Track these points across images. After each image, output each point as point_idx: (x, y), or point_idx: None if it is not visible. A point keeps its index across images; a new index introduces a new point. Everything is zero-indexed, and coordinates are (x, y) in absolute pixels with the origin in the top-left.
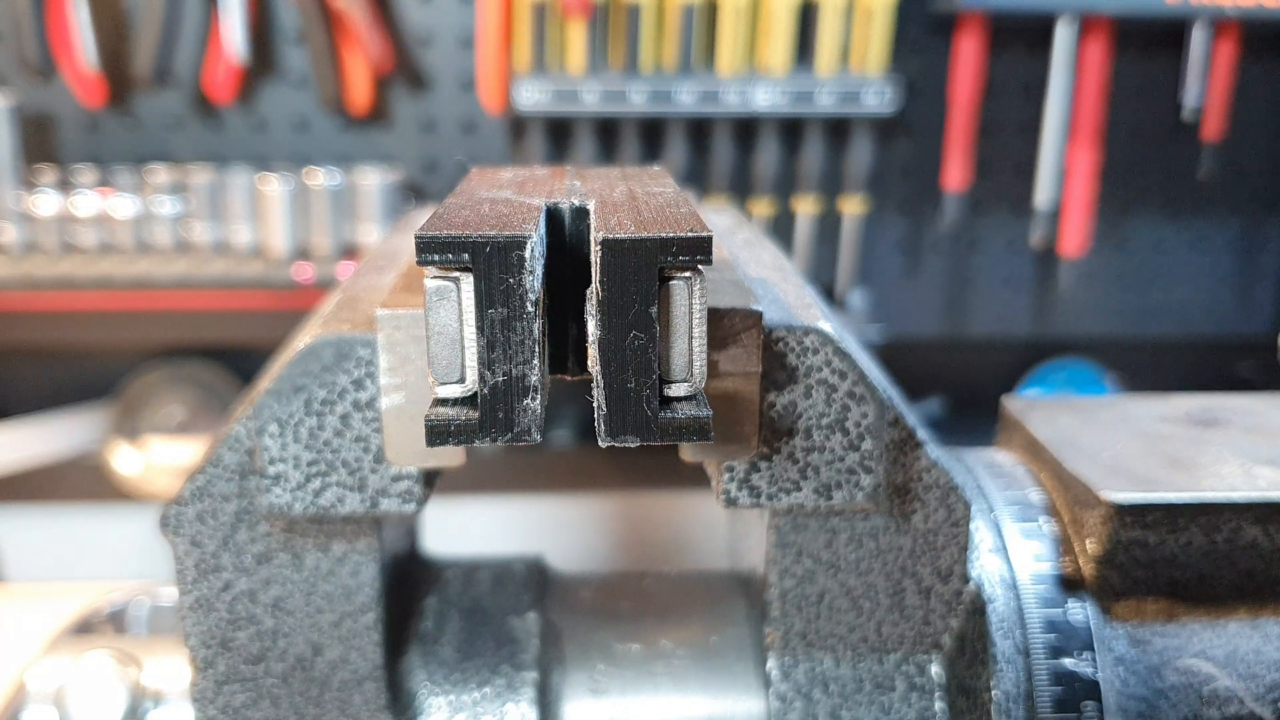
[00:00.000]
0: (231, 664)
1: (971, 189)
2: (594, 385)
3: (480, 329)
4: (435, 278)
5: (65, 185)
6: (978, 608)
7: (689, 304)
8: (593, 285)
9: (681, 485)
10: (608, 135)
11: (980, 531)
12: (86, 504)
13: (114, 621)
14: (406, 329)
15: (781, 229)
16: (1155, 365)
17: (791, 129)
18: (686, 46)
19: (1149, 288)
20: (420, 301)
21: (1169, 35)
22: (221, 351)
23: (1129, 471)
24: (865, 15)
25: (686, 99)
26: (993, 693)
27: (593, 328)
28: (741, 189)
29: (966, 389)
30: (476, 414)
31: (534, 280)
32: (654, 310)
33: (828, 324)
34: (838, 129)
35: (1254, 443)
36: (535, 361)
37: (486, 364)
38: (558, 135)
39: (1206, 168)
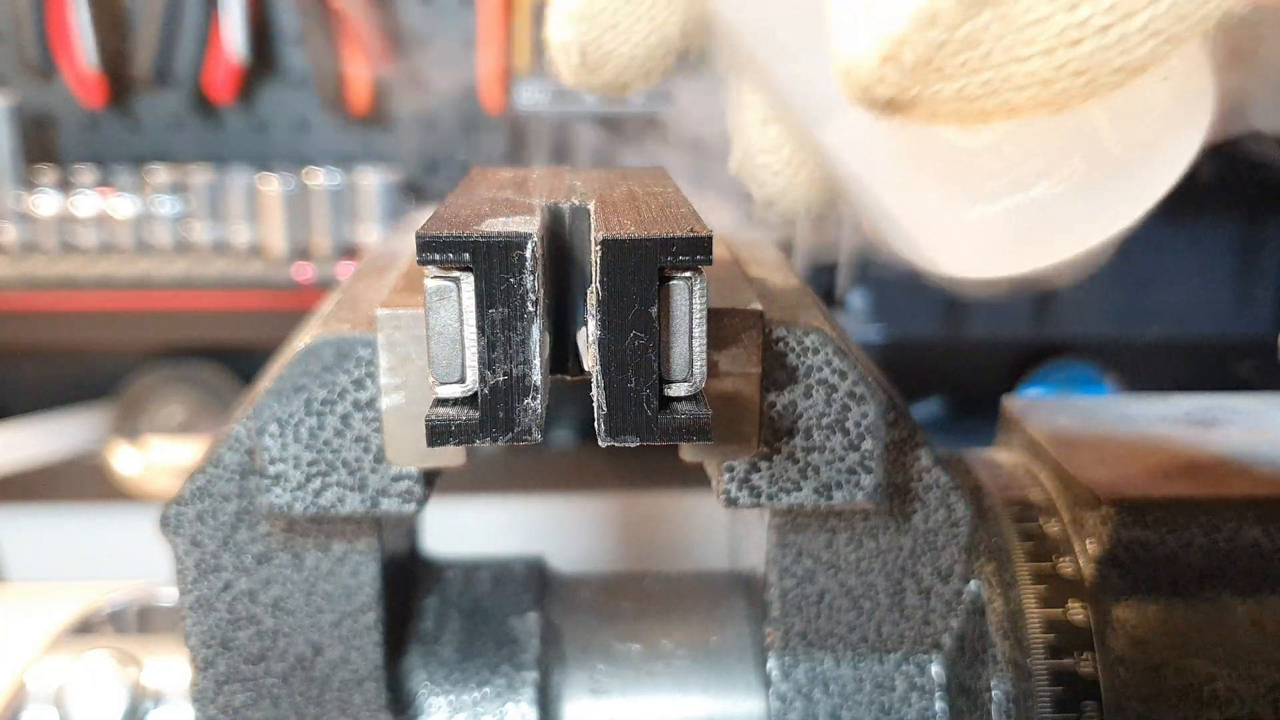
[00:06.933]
0: (232, 664)
1: None
2: (594, 385)
3: (480, 329)
4: (435, 277)
5: (65, 185)
6: (978, 608)
7: (689, 304)
8: (593, 285)
9: (681, 485)
10: (608, 135)
11: (980, 531)
12: (86, 504)
13: (114, 621)
14: (406, 329)
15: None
16: (1155, 365)
17: None
18: None
19: (1149, 288)
20: (420, 301)
21: None
22: (221, 351)
23: (1129, 471)
24: None
25: (686, 98)
26: (993, 693)
27: (593, 328)
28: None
29: (966, 389)
30: (477, 414)
31: (534, 280)
32: (654, 310)
33: (827, 324)
34: None
35: (1254, 443)
36: (535, 361)
37: (487, 364)
38: (558, 135)
39: (1206, 168)
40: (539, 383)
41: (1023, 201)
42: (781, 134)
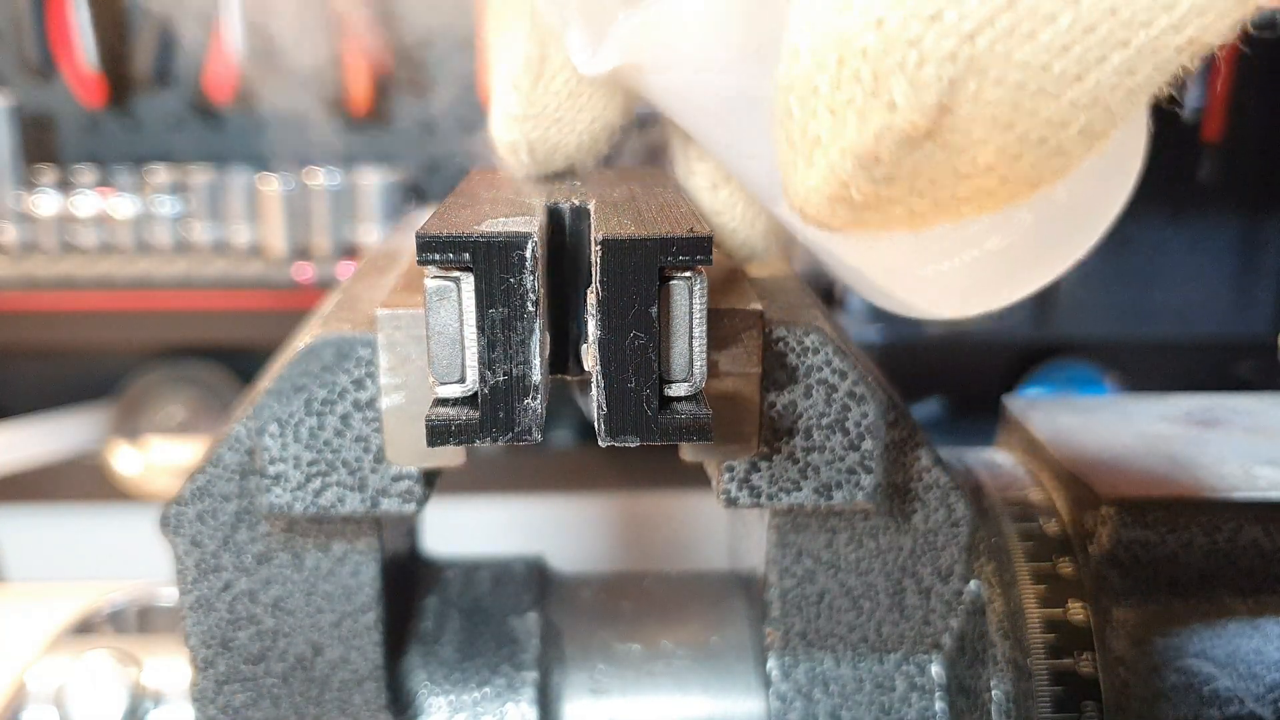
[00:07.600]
0: (232, 664)
1: None
2: (594, 385)
3: (480, 329)
4: (435, 277)
5: (65, 185)
6: (978, 608)
7: (689, 304)
8: (593, 285)
9: (681, 485)
10: None
11: (980, 531)
12: (86, 504)
13: (114, 621)
14: (406, 329)
15: None
16: (1155, 365)
17: None
18: None
19: (1149, 288)
20: (420, 301)
21: None
22: (221, 351)
23: (1129, 471)
24: None
25: None
26: (993, 693)
27: (593, 328)
28: None
29: (966, 389)
30: (477, 414)
31: (534, 280)
32: (654, 310)
33: (827, 324)
34: None
35: (1254, 443)
36: (536, 361)
37: (487, 364)
38: None
39: (1207, 168)
40: (539, 383)
41: (976, 255)
42: (733, 194)
